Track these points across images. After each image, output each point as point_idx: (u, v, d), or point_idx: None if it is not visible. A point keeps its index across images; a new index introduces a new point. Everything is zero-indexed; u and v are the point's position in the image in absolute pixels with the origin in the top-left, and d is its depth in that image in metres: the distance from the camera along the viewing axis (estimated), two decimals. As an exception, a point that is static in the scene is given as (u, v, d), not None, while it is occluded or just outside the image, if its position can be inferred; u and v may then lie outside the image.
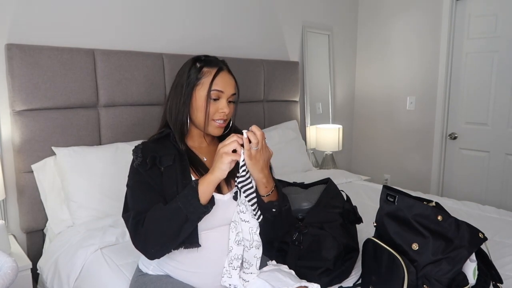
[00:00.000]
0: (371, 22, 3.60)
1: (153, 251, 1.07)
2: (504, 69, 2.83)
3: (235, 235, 1.14)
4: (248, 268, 1.16)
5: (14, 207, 1.94)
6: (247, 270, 1.16)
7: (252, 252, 1.14)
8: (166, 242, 1.05)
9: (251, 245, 1.13)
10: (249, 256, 1.15)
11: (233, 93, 1.19)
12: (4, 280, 1.19)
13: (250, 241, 1.13)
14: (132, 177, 1.14)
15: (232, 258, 1.14)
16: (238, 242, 1.14)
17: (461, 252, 1.18)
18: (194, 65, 1.18)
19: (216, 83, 1.15)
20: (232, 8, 2.75)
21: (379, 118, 3.62)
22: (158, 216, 1.04)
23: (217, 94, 1.15)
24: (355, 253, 1.52)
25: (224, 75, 1.17)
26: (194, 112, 1.18)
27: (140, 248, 1.08)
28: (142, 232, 1.05)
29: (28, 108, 1.85)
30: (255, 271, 1.16)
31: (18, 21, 1.89)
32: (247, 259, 1.15)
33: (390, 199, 1.32)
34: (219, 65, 1.18)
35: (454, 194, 3.13)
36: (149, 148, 1.15)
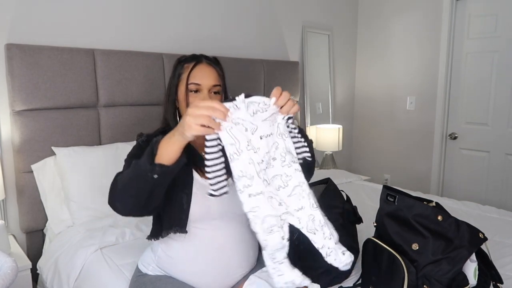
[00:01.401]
0: (371, 22, 3.60)
1: (118, 204, 1.01)
2: (504, 69, 2.83)
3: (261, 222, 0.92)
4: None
5: (14, 207, 1.94)
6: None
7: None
8: (128, 198, 0.98)
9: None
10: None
11: (214, 84, 1.19)
12: (4, 280, 1.19)
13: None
14: (134, 150, 1.15)
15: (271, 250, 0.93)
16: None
17: (461, 252, 1.18)
18: (179, 63, 1.23)
19: (192, 76, 1.17)
20: (232, 8, 2.75)
21: (379, 118, 3.62)
22: (128, 170, 1.00)
23: (195, 87, 1.17)
24: (355, 253, 1.52)
25: (202, 67, 1.19)
26: (180, 107, 1.22)
27: (109, 202, 1.04)
28: (114, 185, 1.02)
29: (28, 108, 1.85)
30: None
31: (18, 21, 1.89)
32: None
33: (390, 199, 1.32)
34: (197, 59, 1.21)
35: (454, 194, 3.13)
36: (152, 135, 1.17)
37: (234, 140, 0.90)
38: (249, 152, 0.91)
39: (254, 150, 0.92)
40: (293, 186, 0.95)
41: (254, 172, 0.91)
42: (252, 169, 0.91)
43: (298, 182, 0.95)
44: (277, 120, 0.96)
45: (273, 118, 0.96)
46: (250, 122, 0.92)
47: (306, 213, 0.94)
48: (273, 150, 0.95)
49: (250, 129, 0.92)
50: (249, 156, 0.91)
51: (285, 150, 0.96)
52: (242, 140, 0.91)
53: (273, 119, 0.95)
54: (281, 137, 0.96)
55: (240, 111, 0.92)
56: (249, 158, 0.91)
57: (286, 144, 0.97)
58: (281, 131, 0.97)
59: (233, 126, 0.91)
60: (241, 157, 0.91)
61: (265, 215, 0.91)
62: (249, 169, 0.91)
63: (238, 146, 0.91)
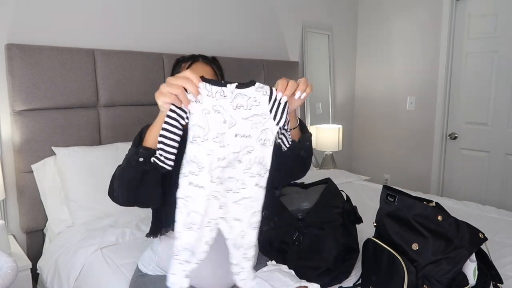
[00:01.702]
0: (371, 22, 3.60)
1: (115, 194, 1.02)
2: (504, 69, 2.83)
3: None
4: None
5: (14, 207, 1.94)
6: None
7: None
8: (122, 187, 0.99)
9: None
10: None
11: None
12: (4, 280, 1.19)
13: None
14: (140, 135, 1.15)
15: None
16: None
17: (461, 252, 1.18)
18: (177, 64, 1.26)
19: None
20: (232, 8, 2.75)
21: (379, 118, 3.62)
22: (123, 160, 1.01)
23: None
24: (355, 253, 1.52)
25: (198, 65, 1.21)
26: None
27: (108, 193, 1.06)
28: (112, 176, 1.04)
29: (28, 108, 1.85)
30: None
31: (18, 21, 1.89)
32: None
33: (390, 199, 1.32)
34: (194, 58, 1.23)
35: (454, 194, 3.13)
36: None
37: (205, 125, 0.88)
38: (214, 144, 0.88)
39: (221, 145, 0.88)
40: (242, 196, 0.91)
41: (207, 164, 0.88)
42: (206, 161, 0.88)
43: (249, 195, 0.91)
44: (265, 126, 0.91)
45: (258, 121, 0.90)
46: (230, 116, 0.89)
47: (240, 227, 0.91)
48: (243, 153, 0.90)
49: (229, 123, 0.89)
50: (211, 148, 0.88)
51: (257, 158, 0.90)
52: (213, 130, 0.88)
53: (257, 122, 0.90)
54: (261, 144, 0.90)
55: (226, 99, 0.89)
56: (210, 150, 0.88)
57: (262, 153, 0.91)
58: (267, 137, 0.91)
59: (212, 112, 0.88)
60: (203, 145, 0.88)
61: (193, 209, 0.88)
62: (204, 159, 0.87)
63: (205, 133, 0.88)
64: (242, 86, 0.90)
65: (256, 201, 0.91)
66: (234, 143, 0.89)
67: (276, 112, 0.91)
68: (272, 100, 0.91)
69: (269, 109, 0.91)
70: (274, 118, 0.91)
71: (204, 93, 0.88)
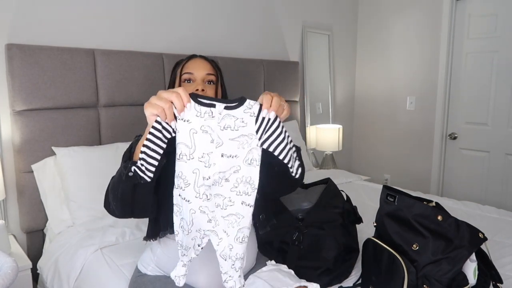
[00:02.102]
0: (371, 22, 3.60)
1: (110, 207, 1.03)
2: (504, 69, 2.83)
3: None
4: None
5: (14, 207, 1.94)
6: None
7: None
8: (116, 200, 0.99)
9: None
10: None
11: (207, 73, 1.20)
12: (4, 280, 1.19)
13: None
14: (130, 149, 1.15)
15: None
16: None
17: (461, 252, 1.18)
18: (177, 65, 1.27)
19: (185, 67, 1.21)
20: (232, 8, 2.75)
21: (379, 118, 3.62)
22: (115, 173, 1.01)
23: (189, 76, 1.19)
24: (355, 253, 1.52)
25: (195, 60, 1.23)
26: None
27: (104, 206, 1.06)
28: (107, 188, 1.04)
29: (28, 108, 1.85)
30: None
31: (18, 21, 1.89)
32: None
33: (390, 199, 1.32)
34: (191, 56, 1.25)
35: (454, 194, 3.13)
36: None
37: (191, 144, 0.90)
38: (199, 163, 0.91)
39: (206, 164, 0.90)
40: (229, 213, 0.93)
41: (192, 181, 0.91)
42: (192, 178, 0.91)
43: (236, 212, 0.93)
44: (252, 146, 0.91)
45: (245, 141, 0.91)
46: (218, 136, 0.90)
47: (228, 241, 0.94)
48: (230, 173, 0.92)
49: (216, 143, 0.90)
50: (196, 167, 0.91)
51: (244, 178, 0.92)
52: (199, 149, 0.90)
53: (244, 142, 0.91)
54: (248, 163, 0.92)
55: (213, 120, 0.90)
56: (195, 168, 0.91)
57: (249, 173, 0.92)
58: (253, 157, 0.92)
59: (199, 132, 0.90)
60: (188, 163, 0.91)
61: (183, 217, 0.96)
62: (190, 176, 0.91)
63: (192, 152, 0.90)
64: (231, 107, 0.91)
65: (242, 219, 0.93)
66: (220, 163, 0.91)
67: (262, 131, 0.92)
68: (260, 120, 0.92)
69: (255, 130, 0.92)
70: (260, 138, 0.92)
71: (193, 113, 0.90)
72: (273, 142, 0.93)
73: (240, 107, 0.91)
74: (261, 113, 0.92)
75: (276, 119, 0.93)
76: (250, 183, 0.92)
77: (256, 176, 0.93)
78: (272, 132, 0.92)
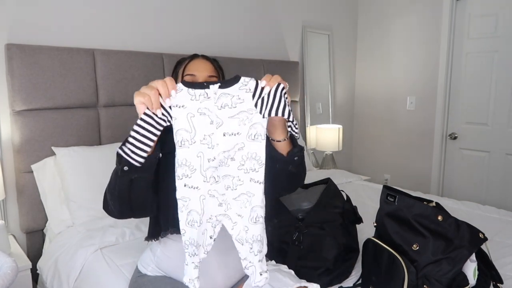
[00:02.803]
0: (371, 22, 3.60)
1: (109, 208, 1.02)
2: (504, 69, 2.83)
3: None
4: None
5: (14, 207, 1.94)
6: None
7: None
8: (114, 199, 0.98)
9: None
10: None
11: (209, 74, 1.19)
12: (4, 280, 1.19)
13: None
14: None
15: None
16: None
17: (461, 252, 1.18)
18: (178, 64, 1.27)
19: (187, 69, 1.20)
20: (232, 8, 2.75)
21: (379, 118, 3.62)
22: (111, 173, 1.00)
23: (191, 78, 1.18)
24: (355, 253, 1.52)
25: (197, 61, 1.22)
26: None
27: (103, 207, 1.05)
28: (105, 190, 1.03)
29: (28, 108, 1.84)
30: None
31: (18, 21, 1.89)
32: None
33: (390, 199, 1.32)
34: (194, 56, 1.24)
35: (454, 194, 3.13)
36: None
37: (191, 128, 0.89)
38: (202, 145, 0.90)
39: (209, 146, 0.90)
40: (240, 192, 0.92)
41: (198, 166, 0.90)
42: (197, 162, 0.90)
43: (246, 191, 0.91)
44: (253, 121, 0.90)
45: (245, 117, 0.90)
46: (216, 115, 0.89)
47: (243, 223, 0.92)
48: (235, 151, 0.91)
49: (216, 123, 0.90)
50: (200, 150, 0.89)
51: (250, 154, 0.91)
52: (199, 132, 0.89)
53: (244, 118, 0.90)
54: (251, 139, 0.91)
55: (210, 101, 0.89)
56: (199, 151, 0.89)
57: (254, 148, 0.91)
58: (257, 131, 0.91)
59: (196, 115, 0.89)
60: (191, 148, 0.89)
61: (192, 209, 0.91)
62: (194, 161, 0.90)
63: (192, 136, 0.89)
64: (225, 85, 0.90)
65: (253, 197, 0.91)
66: (223, 142, 0.90)
67: (261, 104, 0.91)
68: (257, 94, 0.91)
69: (253, 104, 0.91)
70: (260, 111, 0.91)
71: (187, 97, 0.89)
72: (272, 107, 0.91)
73: (235, 84, 0.91)
74: (259, 86, 0.91)
75: (277, 89, 0.91)
76: (256, 158, 0.91)
77: (261, 151, 0.91)
78: (270, 99, 0.91)
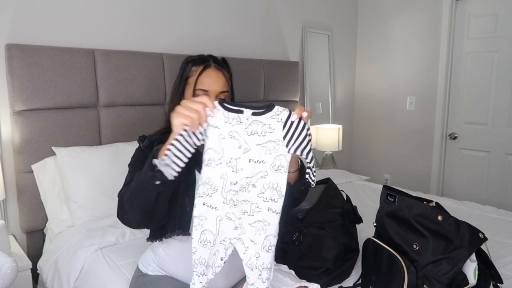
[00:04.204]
0: (371, 22, 3.60)
1: (128, 217, 1.03)
2: (504, 69, 2.83)
3: (199, 233, 0.94)
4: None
5: (14, 207, 1.94)
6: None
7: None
8: (136, 210, 0.99)
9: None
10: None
11: (222, 90, 1.16)
12: (4, 280, 1.19)
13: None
14: (136, 155, 1.16)
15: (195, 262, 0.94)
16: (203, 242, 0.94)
17: (461, 252, 1.18)
18: (187, 64, 1.21)
19: (200, 82, 1.15)
20: (232, 9, 2.75)
21: (379, 118, 3.62)
22: (132, 183, 1.00)
23: (203, 93, 1.15)
24: (355, 253, 1.52)
25: (210, 73, 1.16)
26: None
27: (118, 217, 1.05)
28: (120, 199, 1.03)
29: (28, 108, 1.85)
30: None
31: (18, 21, 1.89)
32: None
33: (390, 199, 1.32)
34: (206, 63, 1.18)
35: (454, 194, 3.13)
36: (155, 137, 1.18)
37: (220, 149, 0.91)
38: (227, 168, 0.91)
39: (234, 169, 0.91)
40: (256, 219, 0.93)
41: (220, 187, 0.92)
42: (220, 183, 0.91)
43: (262, 218, 0.93)
44: (279, 152, 0.93)
45: (272, 147, 0.92)
46: (245, 141, 0.91)
47: (255, 249, 0.94)
48: (257, 178, 0.93)
49: (243, 148, 0.92)
50: (224, 171, 0.91)
51: (271, 184, 0.93)
52: (227, 155, 0.91)
53: (271, 148, 0.92)
54: (275, 169, 0.93)
55: (241, 125, 0.91)
56: (223, 173, 0.91)
57: (276, 179, 0.93)
58: (281, 163, 0.93)
59: (227, 137, 0.91)
60: (216, 168, 0.91)
61: (206, 228, 0.92)
62: (217, 182, 0.91)
63: (220, 157, 0.91)
64: (259, 113, 0.92)
65: (268, 226, 0.93)
66: (248, 168, 0.92)
67: (290, 138, 0.92)
68: (288, 126, 0.93)
69: (283, 136, 0.93)
70: (287, 145, 0.93)
71: (221, 119, 0.91)
72: (299, 145, 0.93)
73: (268, 113, 0.92)
74: (290, 118, 0.93)
75: (304, 124, 0.94)
76: (277, 189, 0.93)
77: (283, 182, 0.93)
78: (298, 136, 0.93)
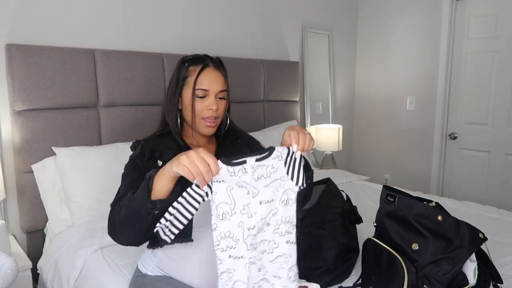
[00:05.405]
0: (371, 22, 3.60)
1: (118, 237, 1.03)
2: (504, 69, 2.83)
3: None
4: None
5: (14, 207, 1.94)
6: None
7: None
8: (128, 232, 1.00)
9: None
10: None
11: (221, 89, 1.18)
12: (4, 280, 1.19)
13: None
14: (128, 165, 1.16)
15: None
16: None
17: (461, 252, 1.18)
18: (183, 64, 1.21)
19: (200, 81, 1.16)
20: (232, 8, 2.75)
21: (379, 118, 3.62)
22: (123, 203, 1.00)
23: (203, 93, 1.16)
24: (355, 253, 1.52)
25: (209, 72, 1.17)
26: (184, 111, 1.21)
27: (109, 233, 1.05)
28: (111, 217, 1.03)
29: (28, 108, 1.85)
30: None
31: (18, 21, 1.89)
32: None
33: (390, 199, 1.32)
34: (204, 62, 1.18)
35: (454, 194, 3.13)
36: (149, 143, 1.17)
37: (231, 200, 0.92)
38: (242, 215, 0.93)
39: (249, 215, 0.93)
40: (276, 255, 0.96)
41: (240, 236, 0.93)
42: (239, 232, 0.93)
43: (283, 253, 0.97)
44: (285, 187, 0.96)
45: (278, 184, 0.96)
46: (253, 186, 0.94)
47: (280, 284, 0.97)
48: (270, 216, 0.96)
49: (252, 193, 0.94)
50: (240, 220, 0.93)
51: (284, 218, 0.96)
52: (239, 203, 0.93)
53: (277, 185, 0.96)
54: (284, 204, 0.96)
55: (247, 175, 0.93)
56: (240, 221, 0.93)
57: (287, 213, 0.97)
58: (288, 197, 0.97)
59: (235, 187, 0.92)
60: (232, 219, 0.93)
61: (238, 279, 0.94)
62: (237, 232, 0.93)
63: (232, 207, 0.92)
64: (262, 158, 0.95)
65: (290, 257, 0.97)
66: (260, 210, 0.94)
67: (293, 171, 0.97)
68: (288, 161, 0.97)
69: (285, 172, 0.97)
70: (292, 178, 0.97)
71: (226, 174, 0.92)
72: (298, 175, 0.97)
73: (270, 156, 0.95)
74: (290, 152, 0.97)
75: (301, 159, 0.98)
76: (290, 222, 0.97)
77: (293, 214, 0.97)
78: (299, 167, 0.98)
